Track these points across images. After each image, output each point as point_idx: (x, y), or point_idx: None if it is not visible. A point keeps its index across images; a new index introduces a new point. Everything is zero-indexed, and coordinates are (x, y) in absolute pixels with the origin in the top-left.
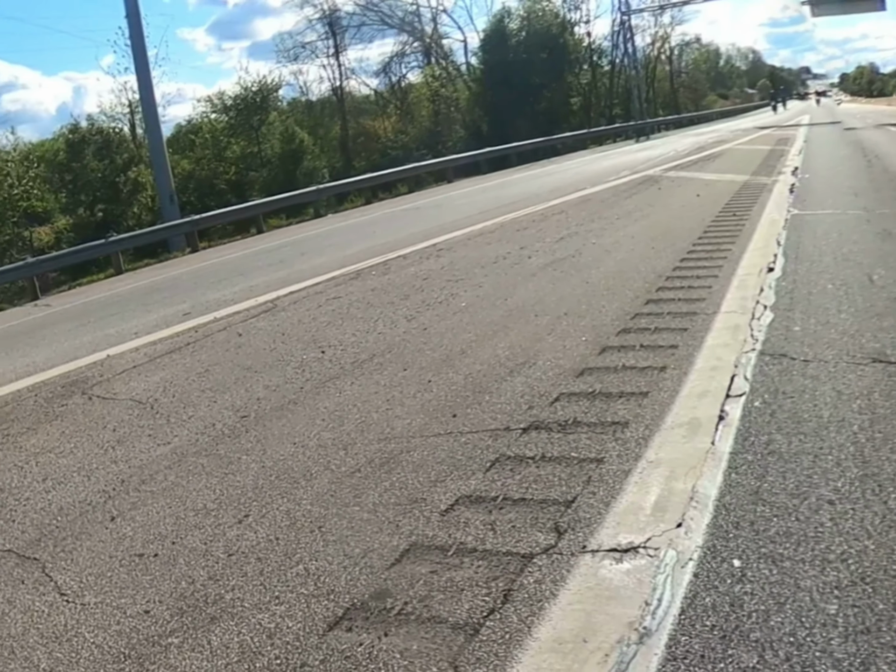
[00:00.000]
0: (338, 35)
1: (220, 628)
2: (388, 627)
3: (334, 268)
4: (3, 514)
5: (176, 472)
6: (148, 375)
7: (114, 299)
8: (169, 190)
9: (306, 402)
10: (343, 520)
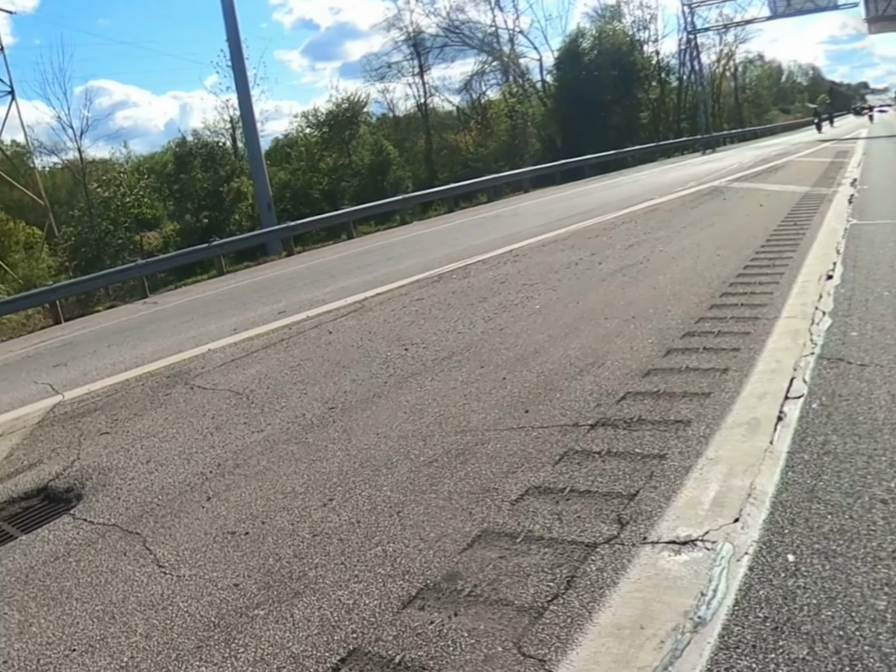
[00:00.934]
0: (422, 55)
1: (303, 603)
2: (457, 608)
3: (418, 271)
4: (109, 492)
5: (268, 457)
6: (245, 368)
7: (215, 298)
8: (267, 198)
9: (389, 395)
10: (420, 506)
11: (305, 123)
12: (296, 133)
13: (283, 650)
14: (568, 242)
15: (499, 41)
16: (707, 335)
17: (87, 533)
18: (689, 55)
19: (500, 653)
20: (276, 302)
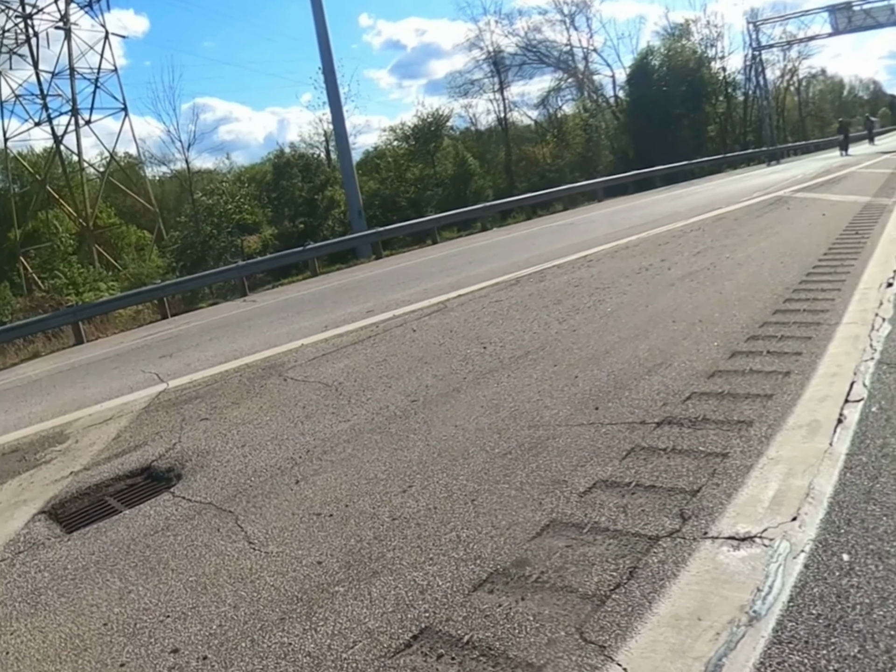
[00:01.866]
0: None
1: (381, 582)
2: (525, 592)
3: (497, 275)
4: (207, 473)
5: (353, 445)
6: (334, 362)
7: (309, 297)
8: (358, 206)
9: (468, 390)
10: (493, 495)
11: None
12: (384, 145)
13: (359, 625)
14: (638, 249)
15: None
16: (770, 339)
17: (185, 510)
18: (755, 71)
19: (563, 637)
20: (364, 301)
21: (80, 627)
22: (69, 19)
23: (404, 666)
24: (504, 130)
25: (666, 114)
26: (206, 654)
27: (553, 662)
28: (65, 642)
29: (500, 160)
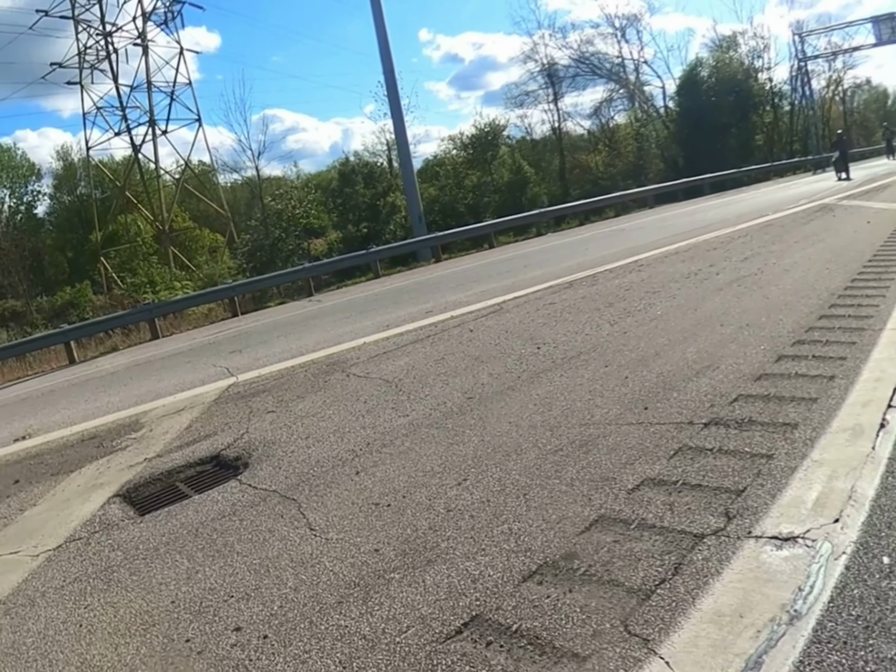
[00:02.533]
0: (556, 84)
1: (434, 570)
2: (573, 585)
3: (551, 278)
4: (272, 462)
5: (411, 439)
6: (395, 360)
7: (371, 298)
8: (418, 211)
9: (522, 388)
10: (544, 490)
11: (452, 145)
12: (444, 154)
13: (413, 611)
14: (688, 254)
15: (625, 71)
16: (816, 344)
17: (251, 496)
18: (800, 81)
19: (608, 629)
20: (424, 302)
21: (150, 604)
22: (146, 37)
23: (454, 651)
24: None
25: (714, 123)
26: (267, 633)
27: (598, 653)
28: (134, 618)
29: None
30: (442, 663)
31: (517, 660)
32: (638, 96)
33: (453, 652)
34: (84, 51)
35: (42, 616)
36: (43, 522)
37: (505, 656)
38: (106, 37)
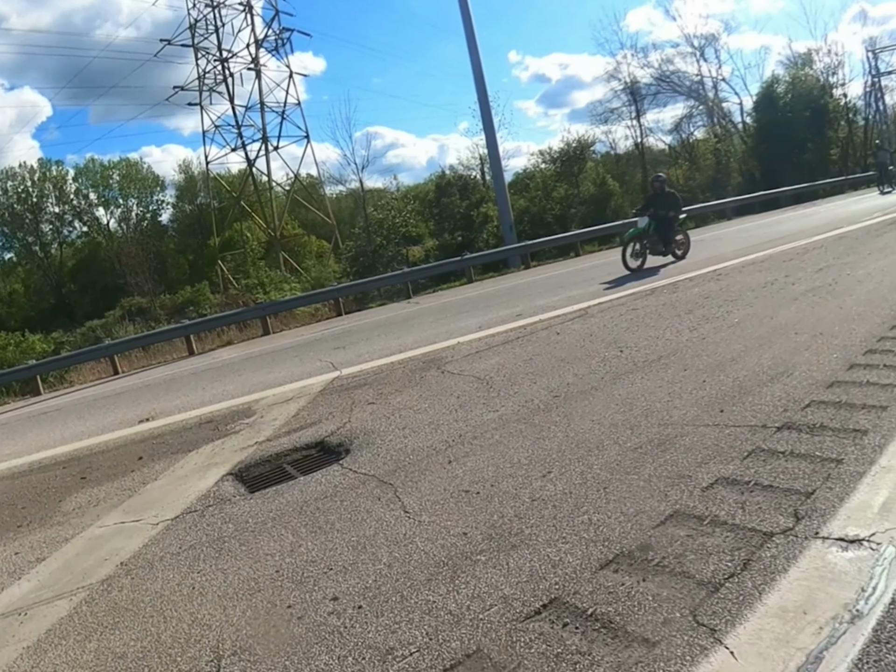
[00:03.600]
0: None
1: (518, 554)
2: (646, 574)
3: (634, 286)
4: (371, 450)
5: (500, 433)
6: (486, 359)
7: (465, 301)
8: (509, 221)
9: (605, 389)
10: (623, 484)
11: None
12: (533, 168)
13: (496, 591)
14: (764, 265)
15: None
16: (888, 353)
17: (351, 480)
18: (874, 97)
19: (678, 618)
20: (514, 306)
21: (256, 572)
22: (259, 62)
23: (533, 630)
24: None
25: (791, 138)
26: (362, 604)
27: (667, 640)
28: (242, 584)
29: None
30: (521, 640)
31: (591, 641)
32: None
33: (532, 631)
34: (203, 75)
35: (159, 577)
36: (163, 495)
37: (580, 637)
38: (223, 62)
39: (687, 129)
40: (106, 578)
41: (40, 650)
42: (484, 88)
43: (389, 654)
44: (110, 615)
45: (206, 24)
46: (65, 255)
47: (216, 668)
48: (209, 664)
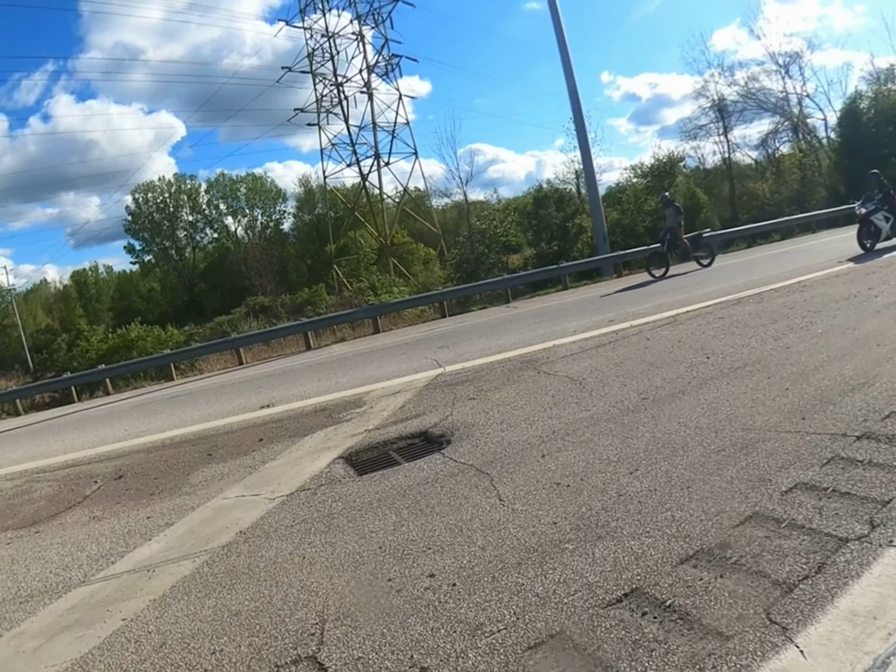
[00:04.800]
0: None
1: (603, 545)
2: (723, 571)
3: (720, 295)
4: (470, 441)
5: (591, 431)
6: (579, 361)
7: (560, 307)
8: (602, 232)
9: (691, 393)
10: (706, 485)
11: (632, 174)
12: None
13: (581, 578)
14: (848, 277)
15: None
16: None
17: (451, 468)
18: None
19: (751, 615)
20: (607, 312)
21: (361, 547)
22: (371, 85)
23: (613, 617)
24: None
25: (874, 153)
26: (456, 581)
27: (740, 635)
28: (347, 557)
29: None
30: (601, 626)
31: (667, 631)
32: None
33: (612, 617)
34: (321, 98)
35: (273, 546)
36: (279, 473)
37: (657, 627)
38: (338, 87)
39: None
40: (226, 544)
41: (164, 603)
42: (579, 107)
43: (479, 630)
44: (228, 577)
45: (323, 52)
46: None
47: (320, 630)
48: (314, 626)
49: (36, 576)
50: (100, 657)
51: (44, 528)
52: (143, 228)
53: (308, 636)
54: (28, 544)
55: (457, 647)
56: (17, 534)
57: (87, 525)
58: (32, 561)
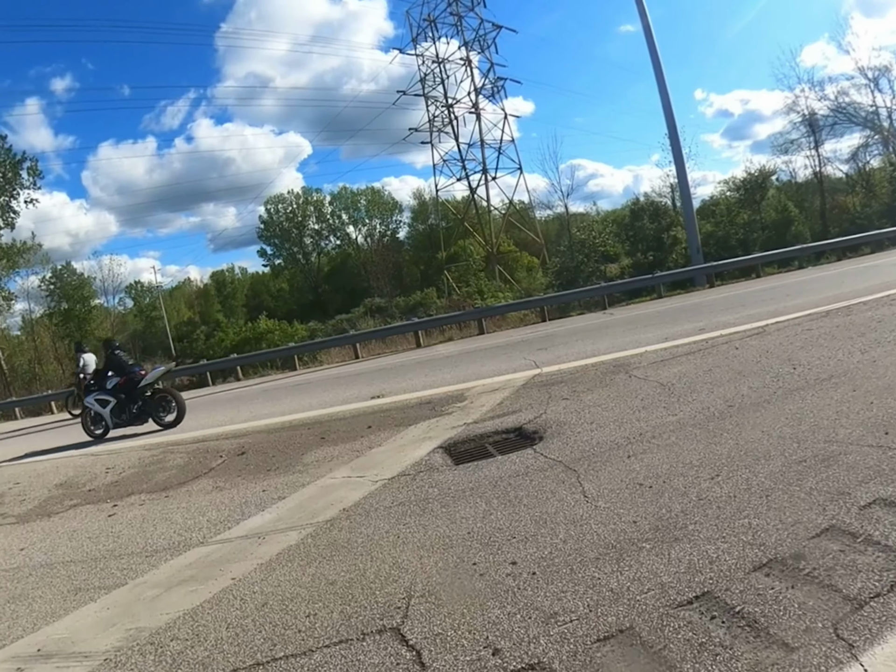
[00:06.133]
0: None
1: (679, 547)
2: (795, 582)
3: (809, 307)
4: (561, 439)
5: (676, 435)
6: (669, 367)
7: (654, 314)
8: (696, 244)
9: (776, 403)
10: (785, 494)
11: (726, 188)
12: (718, 195)
13: (655, 577)
14: None
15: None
16: None
17: (541, 463)
18: None
19: (819, 628)
20: (697, 321)
21: (450, 531)
22: (478, 106)
23: (683, 618)
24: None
25: None
26: (535, 570)
27: (805, 647)
28: (437, 539)
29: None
30: (670, 625)
31: (734, 637)
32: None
33: (681, 618)
34: (432, 119)
35: (372, 524)
36: (383, 459)
37: (724, 631)
38: (448, 108)
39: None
40: (330, 519)
41: (270, 567)
42: (673, 124)
43: (552, 618)
44: (328, 549)
45: (434, 77)
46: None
47: (406, 604)
48: (401, 601)
49: (162, 534)
50: (209, 610)
51: (173, 493)
52: (274, 235)
53: (394, 609)
54: (158, 507)
55: (530, 633)
56: (150, 497)
57: (209, 493)
58: (160, 521)
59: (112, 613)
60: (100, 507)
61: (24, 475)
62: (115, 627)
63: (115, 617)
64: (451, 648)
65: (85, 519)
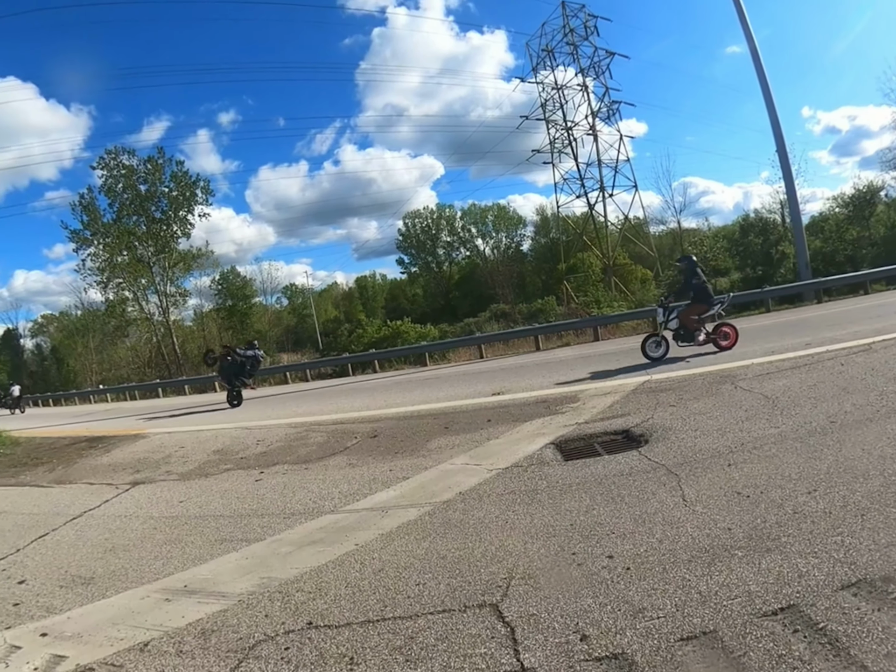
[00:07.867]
0: None
1: (770, 558)
2: (882, 605)
3: None
4: (665, 443)
5: (777, 447)
6: (774, 380)
7: (761, 328)
8: (805, 260)
9: (879, 421)
10: (881, 515)
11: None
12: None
13: (743, 584)
14: None
15: None
16: None
17: (644, 465)
18: None
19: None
20: (804, 336)
21: (555, 521)
22: (595, 128)
23: (766, 628)
24: None
25: None
26: (630, 566)
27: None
28: (541, 528)
29: None
30: (752, 634)
31: (814, 653)
32: None
33: (765, 628)
34: (553, 141)
35: (483, 508)
36: (499, 450)
37: (805, 646)
38: (567, 130)
39: None
40: (446, 501)
41: (389, 538)
42: (782, 141)
43: (640, 613)
44: (443, 527)
45: (553, 102)
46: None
47: (507, 584)
48: (502, 581)
49: (299, 501)
50: (332, 569)
51: (312, 466)
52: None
53: (495, 587)
54: (298, 476)
55: (618, 624)
56: (292, 467)
57: (343, 469)
58: (299, 489)
59: (250, 563)
60: (249, 472)
61: (189, 440)
62: (251, 575)
63: (251, 566)
64: (543, 629)
65: (235, 481)
